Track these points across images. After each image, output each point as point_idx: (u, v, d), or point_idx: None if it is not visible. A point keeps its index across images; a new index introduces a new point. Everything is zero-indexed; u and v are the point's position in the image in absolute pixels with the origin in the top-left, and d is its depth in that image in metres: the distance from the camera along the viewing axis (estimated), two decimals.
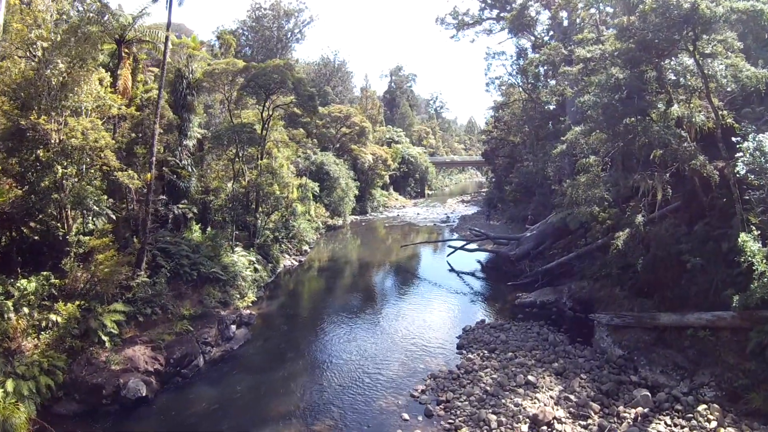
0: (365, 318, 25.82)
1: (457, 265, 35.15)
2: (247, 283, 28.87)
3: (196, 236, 29.40)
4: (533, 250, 29.20)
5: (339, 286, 32.98)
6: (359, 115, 63.52)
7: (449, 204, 78.36)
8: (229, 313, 25.44)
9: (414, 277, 33.69)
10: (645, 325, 19.47)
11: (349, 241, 49.58)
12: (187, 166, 31.15)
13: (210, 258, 27.99)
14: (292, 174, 45.76)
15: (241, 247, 30.89)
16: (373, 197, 68.84)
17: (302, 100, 29.80)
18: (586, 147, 18.80)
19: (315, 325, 25.91)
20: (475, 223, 52.72)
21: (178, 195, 30.99)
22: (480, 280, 31.98)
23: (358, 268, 37.19)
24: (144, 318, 22.59)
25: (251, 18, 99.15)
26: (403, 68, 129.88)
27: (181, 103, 31.52)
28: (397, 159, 78.02)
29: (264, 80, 28.18)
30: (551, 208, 39.15)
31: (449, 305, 26.90)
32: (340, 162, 54.63)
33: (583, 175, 18.55)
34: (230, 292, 27.52)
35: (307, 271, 36.40)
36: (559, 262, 26.75)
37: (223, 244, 29.20)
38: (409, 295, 29.40)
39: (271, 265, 33.56)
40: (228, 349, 22.86)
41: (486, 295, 28.55)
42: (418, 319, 24.76)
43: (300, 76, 30.26)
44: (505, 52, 51.18)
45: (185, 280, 26.13)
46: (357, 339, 22.99)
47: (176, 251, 26.68)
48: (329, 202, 52.03)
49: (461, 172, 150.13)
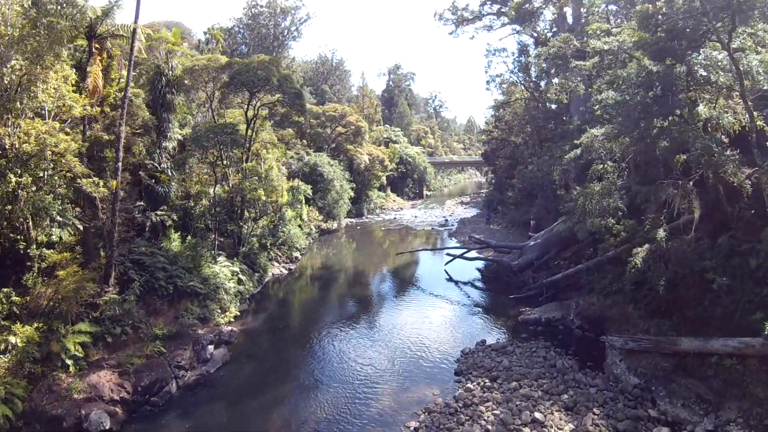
0: (357, 335, 23.82)
1: (455, 274, 33.15)
2: (230, 296, 26.89)
3: (175, 245, 27.41)
4: (537, 260, 27.17)
5: (330, 297, 30.99)
6: (355, 114, 61.46)
7: (448, 206, 76.32)
8: (207, 332, 23.44)
9: (410, 287, 31.68)
10: (664, 351, 17.50)
11: (343, 246, 47.57)
12: (167, 169, 29.16)
13: (189, 270, 26.01)
14: (283, 176, 43.82)
15: (224, 257, 28.87)
16: (370, 199, 66.82)
17: (289, 98, 27.70)
18: (603, 151, 16.67)
19: (301, 342, 23.93)
20: (475, 227, 50.71)
21: (157, 201, 29.02)
22: (480, 291, 29.96)
23: (351, 277, 35.19)
24: (113, 339, 20.84)
25: (247, 15, 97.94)
26: (401, 66, 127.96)
27: (160, 102, 29.55)
28: (394, 159, 75.99)
29: (247, 77, 26.12)
30: (555, 213, 37.16)
31: (447, 320, 24.89)
32: (334, 163, 52.60)
33: (597, 183, 16.52)
34: (210, 306, 25.56)
35: (297, 280, 34.38)
36: (565, 274, 24.73)
37: (204, 254, 27.21)
38: (404, 308, 27.39)
39: (258, 274, 31.55)
40: (204, 372, 20.90)
41: (486, 309, 26.53)
42: (413, 337, 22.75)
43: (286, 72, 28.21)
44: (506, 49, 49.33)
45: (160, 294, 24.26)
46: (347, 360, 21.01)
47: (151, 263, 24.72)
48: (323, 205, 50.03)
49: (460, 172, 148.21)
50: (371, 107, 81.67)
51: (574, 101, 36.82)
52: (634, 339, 18.17)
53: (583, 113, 36.17)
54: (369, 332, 23.83)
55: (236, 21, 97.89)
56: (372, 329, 24.31)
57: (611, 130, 15.36)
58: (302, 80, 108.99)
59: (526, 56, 41.50)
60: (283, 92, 27.40)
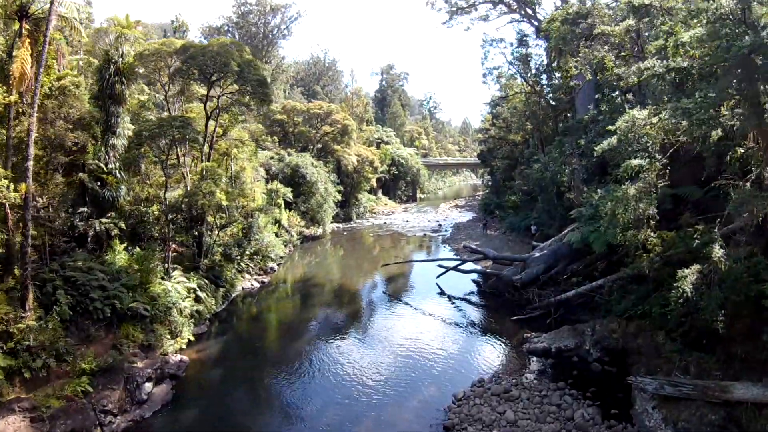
0: (329, 369, 19.82)
1: (449, 288, 29.26)
2: (183, 317, 22.93)
3: (121, 259, 23.44)
4: (543, 275, 23.31)
5: (304, 317, 27.00)
6: (341, 112, 57.55)
7: (442, 209, 72.45)
8: (148, 364, 19.44)
9: (397, 305, 27.73)
10: (712, 399, 13.67)
11: (327, 254, 43.60)
12: (115, 171, 25.20)
13: (133, 288, 22.05)
14: (261, 178, 39.93)
15: (180, 271, 24.88)
16: (359, 202, 62.93)
17: (251, 86, 23.73)
18: (647, 140, 12.66)
19: (261, 375, 19.98)
20: (470, 233, 46.85)
21: (104, 207, 25.11)
22: (476, 310, 26.01)
23: (332, 291, 31.22)
24: (32, 374, 17.07)
25: (237, 14, 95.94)
26: (394, 66, 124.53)
27: (108, 93, 25.62)
28: (386, 161, 72.19)
29: (202, 61, 22.21)
30: (560, 218, 33.34)
31: (438, 349, 20.95)
32: (318, 164, 48.70)
33: (630, 185, 12.75)
34: (158, 331, 21.60)
35: (271, 295, 30.40)
36: (578, 292, 20.89)
37: (154, 269, 23.21)
38: (388, 332, 23.46)
39: (223, 289, 27.57)
40: (137, 418, 16.98)
41: (484, 333, 22.60)
42: (397, 373, 18.81)
43: (249, 58, 24.28)
44: (504, 39, 45.24)
45: (96, 318, 20.34)
46: (311, 406, 17.05)
47: (86, 281, 20.74)
48: (306, 210, 46.09)
49: (455, 174, 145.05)
50: (361, 105, 77.79)
51: (580, 96, 33.25)
52: (672, 383, 14.33)
53: (584, 105, 32.62)
54: (343, 369, 19.55)
55: (226, 20, 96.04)
56: (346, 364, 20.10)
57: (691, 103, 11.00)
58: (292, 80, 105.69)
59: (525, 47, 37.85)
60: (245, 79, 23.44)
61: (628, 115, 12.52)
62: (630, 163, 13.27)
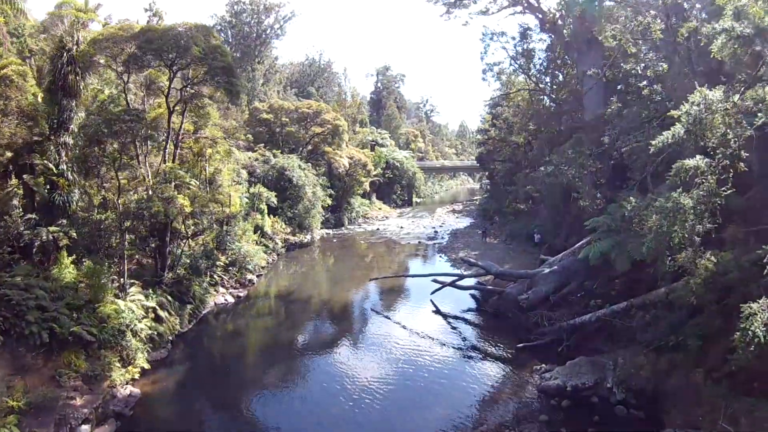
0: (301, 411, 16.82)
1: (444, 305, 26.28)
2: (138, 341, 19.85)
3: (69, 273, 20.39)
4: (553, 295, 20.34)
5: (281, 338, 23.91)
6: (332, 111, 54.59)
7: (438, 214, 69.51)
8: (86, 402, 16.34)
9: (386, 325, 24.68)
10: None
11: (314, 263, 40.53)
12: (67, 172, 22.21)
13: (79, 308, 19.03)
14: (243, 181, 36.98)
15: (138, 287, 21.81)
16: (352, 207, 59.93)
17: (215, 73, 20.71)
18: (723, 127, 9.77)
19: (229, 408, 17.00)
20: (468, 241, 43.86)
21: (54, 213, 22.14)
22: (476, 332, 22.93)
23: (315, 307, 28.13)
24: None
25: (230, 13, 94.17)
26: (390, 68, 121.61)
27: (61, 85, 22.67)
28: (380, 164, 69.25)
29: (160, 45, 19.22)
30: (567, 225, 30.49)
31: (430, 384, 17.86)
32: (306, 166, 45.65)
33: (682, 194, 9.89)
34: (106, 358, 18.50)
35: (246, 312, 27.31)
36: (596, 317, 17.93)
37: (105, 285, 20.15)
38: (374, 359, 20.39)
39: (191, 306, 24.48)
40: None
41: (486, 364, 19.52)
42: (383, 416, 15.84)
43: (217, 43, 21.34)
44: (505, 33, 41.93)
45: (33, 344, 17.39)
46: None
47: (21, 300, 17.75)
48: (293, 215, 43.04)
49: (452, 177, 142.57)
50: (354, 105, 74.89)
51: (588, 93, 30.44)
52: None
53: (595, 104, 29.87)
54: (315, 414, 16.60)
55: (218, 19, 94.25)
56: (323, 400, 17.22)
57: None
58: (286, 81, 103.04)
59: (529, 41, 35.05)
60: (209, 66, 20.43)
61: (698, 95, 9.63)
62: (684, 164, 10.38)
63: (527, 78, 35.61)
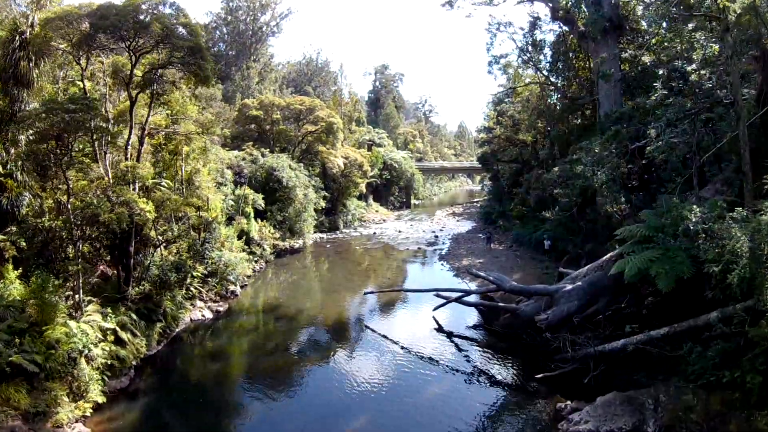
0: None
1: (448, 323, 23.42)
2: (94, 369, 16.97)
3: (15, 290, 17.51)
4: (577, 315, 17.49)
5: (263, 359, 21.04)
6: (326, 108, 51.75)
7: (438, 217, 66.69)
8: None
9: (382, 345, 21.77)
10: None
11: (307, 271, 37.62)
12: (16, 173, 19.32)
13: (20, 332, 16.15)
14: (227, 181, 34.15)
15: (96, 304, 18.91)
16: (347, 210, 57.10)
17: (181, 55, 17.77)
18: None
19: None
20: (472, 247, 41.01)
21: (1, 219, 19.34)
22: (485, 357, 19.90)
23: (304, 322, 25.17)
24: None
25: (225, 10, 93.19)
26: (389, 67, 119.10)
27: (12, 73, 19.85)
28: (377, 164, 66.46)
29: (115, 20, 16.36)
30: (583, 231, 27.69)
31: (431, 424, 15.11)
32: (298, 167, 42.81)
33: None
34: (53, 392, 15.62)
35: (226, 328, 24.39)
36: (632, 342, 15.10)
37: (56, 303, 17.25)
38: (366, 390, 17.50)
39: (160, 324, 21.60)
40: None
41: (498, 398, 16.71)
42: None
43: (185, 20, 18.46)
44: (512, 23, 39.53)
45: None
46: None
47: None
48: (283, 219, 40.18)
49: (451, 179, 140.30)
50: (350, 103, 72.11)
51: (604, 87, 27.77)
52: None
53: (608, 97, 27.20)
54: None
55: (214, 16, 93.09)
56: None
57: None
58: (282, 80, 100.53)
59: (539, 32, 32.29)
60: (172, 45, 17.51)
61: None
62: None
63: (537, 71, 32.83)
